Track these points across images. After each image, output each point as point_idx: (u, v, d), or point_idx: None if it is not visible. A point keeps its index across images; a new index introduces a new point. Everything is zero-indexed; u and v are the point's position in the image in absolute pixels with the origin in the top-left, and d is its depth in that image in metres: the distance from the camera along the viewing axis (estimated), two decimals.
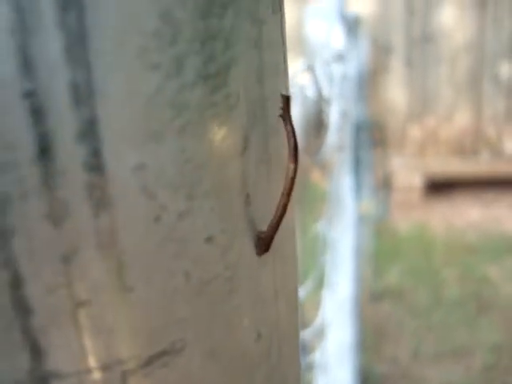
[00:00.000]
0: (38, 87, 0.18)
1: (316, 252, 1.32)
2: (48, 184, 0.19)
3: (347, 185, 1.62)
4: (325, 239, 1.33)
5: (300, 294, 1.09)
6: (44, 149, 0.19)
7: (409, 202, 3.49)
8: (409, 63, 3.78)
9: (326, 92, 1.09)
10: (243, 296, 0.26)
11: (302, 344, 1.21)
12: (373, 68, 3.35)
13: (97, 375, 0.22)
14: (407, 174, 3.60)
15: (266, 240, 0.26)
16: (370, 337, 2.20)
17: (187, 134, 0.22)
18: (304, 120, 0.98)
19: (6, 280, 0.20)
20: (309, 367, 1.28)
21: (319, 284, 1.31)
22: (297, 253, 0.33)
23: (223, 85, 0.23)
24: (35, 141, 0.19)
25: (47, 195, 0.19)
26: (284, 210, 0.26)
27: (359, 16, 2.18)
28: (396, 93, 3.83)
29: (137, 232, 0.21)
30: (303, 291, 1.15)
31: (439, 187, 3.62)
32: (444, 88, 3.80)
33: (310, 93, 1.02)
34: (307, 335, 1.24)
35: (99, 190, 0.20)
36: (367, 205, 2.63)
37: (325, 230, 1.35)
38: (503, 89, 3.75)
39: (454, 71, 3.78)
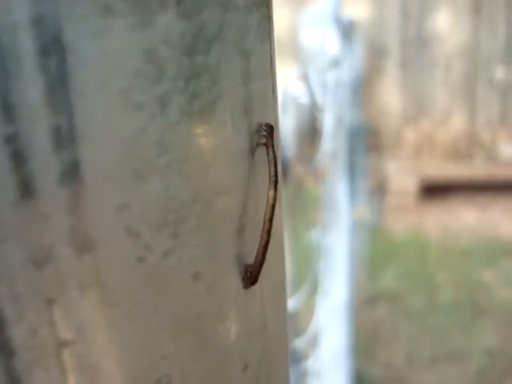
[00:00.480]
0: (19, 132, 0.18)
1: (310, 259, 1.32)
2: (30, 228, 0.19)
3: (342, 191, 1.62)
4: (319, 246, 1.33)
5: (294, 303, 1.08)
6: (26, 193, 0.19)
7: (404, 206, 3.49)
8: (404, 67, 3.78)
9: (320, 99, 1.09)
10: (230, 329, 0.26)
11: (296, 351, 1.21)
12: (368, 72, 3.35)
13: None
14: (402, 178, 3.60)
15: (254, 273, 0.26)
16: (365, 341, 2.20)
17: (172, 173, 0.21)
18: (298, 128, 0.98)
19: None
20: (302, 374, 1.28)
21: (313, 291, 1.31)
22: (286, 280, 0.32)
23: (209, 120, 0.23)
24: (17, 185, 0.18)
25: (29, 239, 0.19)
26: (268, 237, 0.26)
27: (354, 20, 2.18)
28: (391, 96, 3.84)
29: (121, 272, 0.21)
30: (297, 299, 1.15)
31: (434, 191, 3.62)
32: (439, 92, 3.81)
33: (304, 101, 1.01)
34: (301, 343, 1.24)
35: (82, 232, 0.20)
36: (362, 210, 2.63)
37: (319, 237, 1.35)
38: (498, 93, 3.75)
39: (449, 75, 3.78)
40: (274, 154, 0.26)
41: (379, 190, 3.30)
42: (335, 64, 1.25)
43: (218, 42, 0.23)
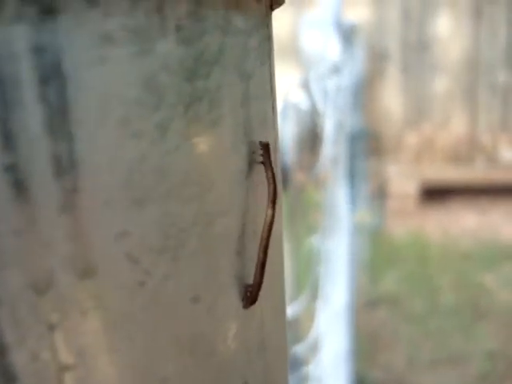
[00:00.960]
0: (19, 160, 0.18)
1: (311, 265, 1.32)
2: (31, 254, 0.19)
3: (342, 195, 1.62)
4: (319, 251, 1.33)
5: (295, 308, 1.08)
6: (27, 221, 0.19)
7: (404, 210, 3.48)
8: (405, 71, 3.78)
9: (321, 105, 1.09)
10: (229, 349, 0.26)
11: (297, 357, 1.21)
12: (369, 75, 3.35)
13: None
14: (403, 182, 3.59)
15: (253, 293, 0.26)
16: (365, 344, 2.20)
17: (171, 198, 0.21)
18: (298, 134, 0.98)
19: None
20: (303, 379, 1.28)
21: (314, 296, 1.31)
22: (285, 296, 0.32)
23: (208, 144, 0.23)
24: (18, 213, 0.19)
25: (30, 265, 0.19)
26: (264, 256, 0.26)
27: (355, 24, 2.18)
28: (392, 100, 3.83)
29: (121, 296, 0.21)
30: (298, 305, 1.15)
31: (435, 195, 3.62)
32: (440, 96, 3.81)
33: (305, 107, 1.01)
34: (301, 348, 1.24)
35: (82, 259, 0.20)
36: (363, 214, 2.63)
37: (319, 242, 1.34)
38: (499, 97, 3.75)
39: (450, 79, 3.78)
40: (273, 173, 0.26)
41: (380, 194, 3.30)
42: (336, 70, 1.25)
43: (218, 67, 0.23)
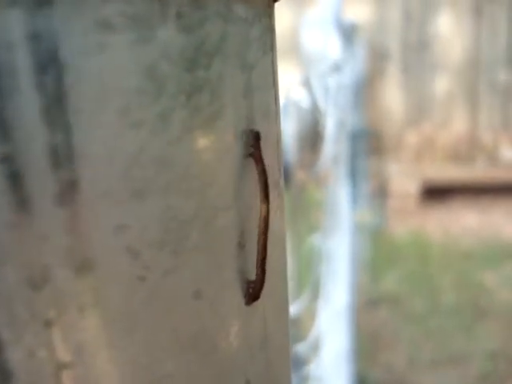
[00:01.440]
0: (15, 151, 0.18)
1: (312, 263, 1.31)
2: (27, 248, 0.19)
3: (343, 194, 1.61)
4: (320, 250, 1.33)
5: (296, 308, 1.08)
6: (23, 213, 0.18)
7: (405, 209, 3.48)
8: (405, 70, 3.78)
9: (322, 104, 1.09)
10: (232, 345, 0.26)
11: (298, 356, 1.21)
12: (369, 75, 3.35)
13: None
14: (403, 181, 3.59)
15: (255, 290, 0.26)
16: (366, 344, 2.19)
17: (172, 191, 0.21)
18: (300, 133, 0.97)
19: None
20: (304, 379, 1.28)
21: (315, 295, 1.31)
22: (288, 293, 0.32)
23: (210, 135, 0.22)
24: (13, 205, 0.18)
25: (26, 260, 0.19)
26: (264, 252, 0.25)
27: (356, 23, 2.17)
28: (392, 99, 3.83)
29: (120, 291, 0.21)
30: (299, 304, 1.14)
31: (435, 194, 3.61)
32: (440, 95, 3.80)
33: (306, 105, 1.01)
34: (303, 347, 1.24)
35: (80, 252, 0.19)
36: (364, 213, 2.62)
37: (321, 241, 1.34)
38: (500, 96, 3.75)
39: (451, 78, 3.78)
40: (263, 166, 0.25)
41: (381, 193, 3.30)
42: (337, 68, 1.24)
43: (220, 56, 0.22)
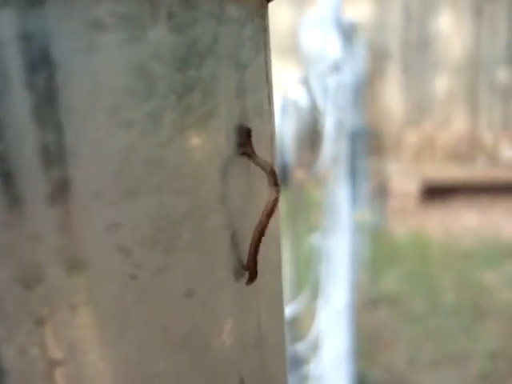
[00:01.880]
0: (7, 150, 0.18)
1: (311, 263, 1.31)
2: (19, 247, 0.19)
3: (343, 194, 1.61)
4: (320, 250, 1.33)
5: (295, 307, 1.08)
6: (14, 212, 0.18)
7: (405, 208, 3.48)
8: (405, 69, 3.78)
9: (321, 104, 1.09)
10: (225, 344, 0.26)
11: (297, 356, 1.21)
12: (369, 74, 3.35)
13: None
14: (403, 181, 3.59)
15: (250, 269, 0.25)
16: (366, 343, 2.19)
17: (164, 190, 0.21)
18: (298, 132, 0.97)
19: None
20: (304, 378, 1.28)
21: (314, 295, 1.31)
22: (282, 291, 0.32)
23: (202, 135, 0.22)
24: (4, 204, 0.18)
25: (18, 259, 0.19)
26: (262, 232, 0.25)
27: (356, 22, 2.17)
28: (392, 99, 3.83)
29: (112, 290, 0.21)
30: (299, 304, 1.14)
31: (436, 193, 3.62)
32: (440, 94, 3.80)
33: (305, 105, 1.01)
34: (302, 347, 1.24)
35: (72, 252, 0.19)
36: (363, 213, 2.63)
37: (320, 241, 1.34)
38: (500, 95, 3.75)
39: (451, 77, 3.78)
40: (260, 159, 0.24)
41: (380, 193, 3.30)
42: (336, 68, 1.24)
43: (212, 56, 0.22)
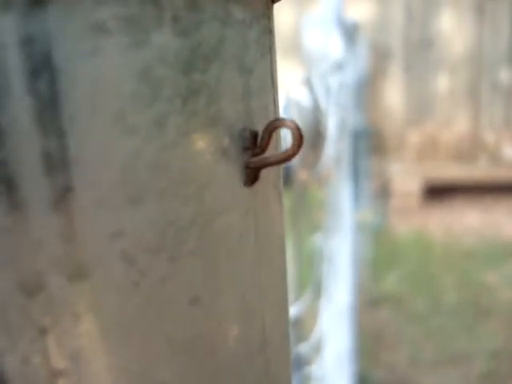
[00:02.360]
0: (9, 157, 0.17)
1: (314, 264, 1.31)
2: (21, 255, 0.18)
3: (345, 193, 1.61)
4: (322, 250, 1.33)
5: (298, 308, 1.07)
6: (16, 219, 0.18)
7: (407, 208, 3.48)
8: (407, 69, 3.78)
9: (324, 104, 1.08)
10: (229, 351, 0.25)
11: (300, 357, 1.20)
12: (371, 74, 3.34)
13: None
14: (405, 180, 3.59)
15: (255, 169, 0.24)
16: (368, 343, 2.19)
17: (169, 196, 0.21)
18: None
19: None
20: (306, 379, 1.27)
21: (317, 295, 1.30)
22: (288, 295, 0.32)
23: (207, 140, 0.22)
24: (6, 211, 0.18)
25: (20, 267, 0.18)
26: (287, 159, 0.24)
27: (358, 22, 2.17)
28: (394, 98, 3.83)
29: (116, 298, 0.20)
30: (301, 304, 1.14)
31: (437, 193, 3.61)
32: (442, 94, 3.80)
33: (307, 105, 1.01)
34: (305, 348, 1.23)
35: (75, 259, 0.19)
36: (365, 213, 2.62)
37: (322, 241, 1.34)
38: (501, 95, 3.75)
39: (453, 77, 3.77)
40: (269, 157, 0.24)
41: (383, 193, 3.30)
42: (339, 68, 1.24)
43: (217, 60, 0.22)
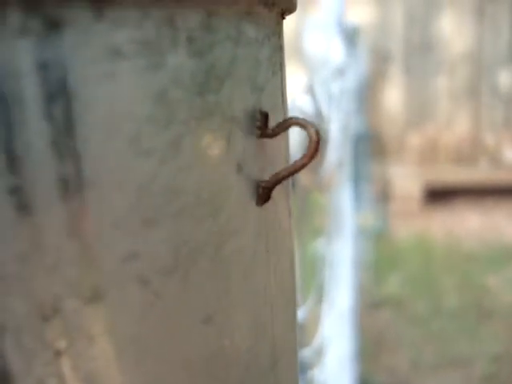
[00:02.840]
0: (24, 182, 0.17)
1: (316, 269, 1.31)
2: (37, 280, 0.18)
3: (346, 197, 1.61)
4: (324, 255, 1.33)
5: (301, 313, 1.07)
6: (33, 245, 0.18)
7: (408, 211, 3.48)
8: (407, 71, 3.78)
9: (326, 110, 1.08)
10: (242, 368, 0.25)
11: (302, 362, 1.20)
12: (371, 77, 3.34)
13: None
14: (406, 183, 3.59)
15: (267, 189, 0.24)
16: (369, 346, 2.19)
17: (183, 218, 0.21)
18: (303, 138, 0.97)
19: None
20: (308, 383, 1.27)
21: (319, 300, 1.30)
22: (297, 312, 0.31)
23: (221, 160, 0.22)
24: (23, 237, 0.18)
25: (36, 291, 0.18)
26: (299, 169, 0.24)
27: (358, 26, 2.17)
28: (395, 101, 3.83)
29: (130, 320, 0.20)
30: (304, 310, 1.14)
31: (438, 196, 3.61)
32: (443, 96, 3.80)
33: (309, 111, 1.01)
34: (307, 353, 1.23)
35: (90, 283, 0.19)
36: (366, 216, 2.62)
37: (324, 246, 1.34)
38: (502, 97, 3.75)
39: (453, 79, 3.77)
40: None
41: (383, 196, 3.30)
42: (340, 73, 1.24)
43: (230, 79, 0.22)
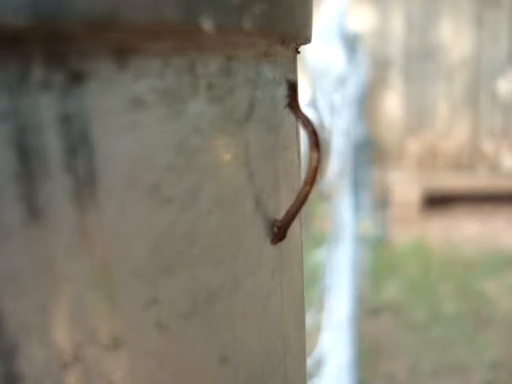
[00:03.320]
0: (46, 236, 0.17)
1: (316, 278, 1.31)
2: (56, 329, 0.18)
3: (347, 206, 1.61)
4: (324, 264, 1.33)
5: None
6: (53, 298, 0.18)
7: (407, 217, 3.48)
8: (407, 78, 3.78)
9: (328, 121, 1.08)
10: None
11: None
12: (371, 83, 3.35)
13: None
14: (405, 190, 3.59)
15: (282, 228, 0.24)
16: (368, 353, 2.19)
17: (201, 262, 0.21)
18: (306, 150, 0.97)
19: None
20: None
21: (319, 309, 1.30)
22: (306, 344, 0.31)
23: (239, 205, 0.22)
24: (44, 289, 0.18)
25: (56, 340, 0.18)
26: (305, 199, 0.24)
27: (359, 33, 2.17)
28: (394, 107, 3.83)
29: (149, 364, 0.20)
30: (307, 320, 1.14)
31: (437, 202, 3.62)
32: (442, 103, 3.81)
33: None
34: (308, 362, 1.23)
35: (110, 331, 0.19)
36: (365, 222, 2.62)
37: (324, 254, 1.34)
38: (500, 104, 3.75)
39: (452, 86, 3.78)
40: (305, 114, 0.23)
41: (382, 202, 3.30)
42: (342, 83, 1.24)
43: (248, 123, 0.22)
